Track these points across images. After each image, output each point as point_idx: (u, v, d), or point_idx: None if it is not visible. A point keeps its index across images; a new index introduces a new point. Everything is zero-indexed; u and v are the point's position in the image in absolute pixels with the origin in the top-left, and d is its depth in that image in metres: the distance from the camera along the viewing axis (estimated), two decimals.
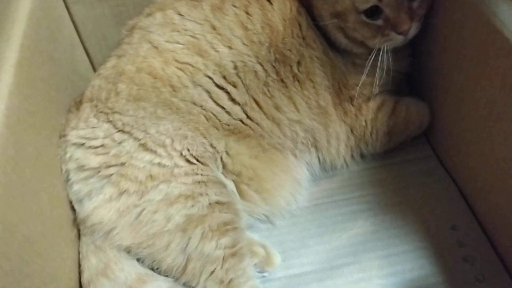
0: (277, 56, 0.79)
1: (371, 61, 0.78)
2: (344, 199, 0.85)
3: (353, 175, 0.88)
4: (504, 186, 0.70)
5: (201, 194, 0.70)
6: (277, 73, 0.79)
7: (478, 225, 0.78)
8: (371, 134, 0.86)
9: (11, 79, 0.62)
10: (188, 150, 0.73)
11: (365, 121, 0.85)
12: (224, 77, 0.77)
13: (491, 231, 0.76)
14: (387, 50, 0.77)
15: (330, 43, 0.83)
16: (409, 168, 0.88)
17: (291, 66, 0.79)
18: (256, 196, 0.79)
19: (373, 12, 0.75)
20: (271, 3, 0.81)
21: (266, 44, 0.78)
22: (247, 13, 0.80)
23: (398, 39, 0.77)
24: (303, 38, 0.80)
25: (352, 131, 0.85)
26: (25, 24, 0.70)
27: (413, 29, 0.77)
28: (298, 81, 0.80)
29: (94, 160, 0.71)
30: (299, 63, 0.80)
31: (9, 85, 0.61)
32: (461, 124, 0.79)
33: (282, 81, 0.79)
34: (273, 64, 0.79)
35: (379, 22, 0.76)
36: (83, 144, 0.73)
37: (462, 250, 0.75)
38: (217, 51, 0.77)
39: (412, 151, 0.91)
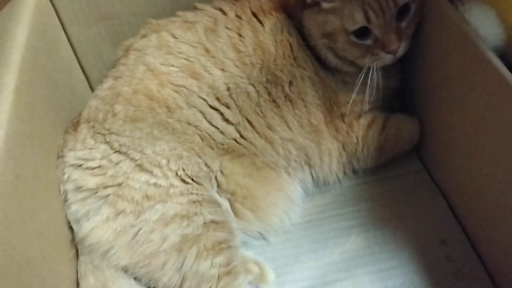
0: (269, 77, 0.81)
1: (361, 79, 0.80)
2: (336, 214, 0.86)
3: (345, 190, 0.90)
4: (490, 202, 0.72)
5: (196, 214, 0.72)
6: (269, 94, 0.81)
7: (467, 240, 0.80)
8: (362, 151, 0.88)
9: (10, 105, 0.63)
10: (184, 170, 0.75)
11: (356, 138, 0.87)
12: (218, 99, 0.79)
13: (480, 246, 0.78)
14: (376, 68, 0.79)
15: (320, 62, 0.84)
16: (399, 182, 0.90)
17: (282, 87, 0.81)
18: (250, 214, 0.81)
19: (362, 32, 0.77)
20: (263, 25, 0.83)
21: (258, 65, 0.81)
22: (240, 35, 0.82)
23: (387, 58, 0.79)
24: (294, 59, 0.82)
25: (344, 148, 0.87)
26: (23, 49, 0.72)
27: (401, 48, 0.78)
28: (290, 101, 0.82)
29: (91, 181, 0.73)
30: (290, 83, 0.82)
31: (8, 111, 0.63)
32: (449, 140, 0.81)
33: (274, 101, 0.81)
34: (265, 85, 0.81)
35: (368, 42, 0.77)
36: (80, 165, 0.74)
37: (451, 265, 0.77)
38: (210, 73, 0.79)
39: (402, 166, 0.92)
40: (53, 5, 0.86)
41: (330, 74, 0.85)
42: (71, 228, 0.73)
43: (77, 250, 0.74)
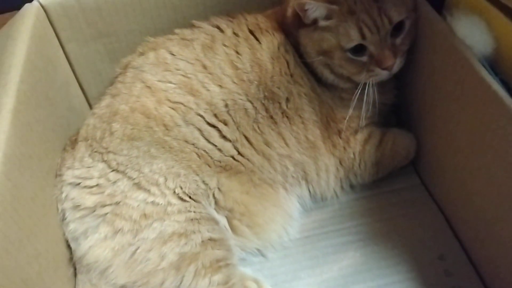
0: (266, 93, 0.81)
1: (357, 95, 0.80)
2: (334, 230, 0.87)
3: (343, 205, 0.90)
4: (487, 217, 0.72)
5: (194, 232, 0.72)
6: (267, 110, 0.81)
7: (465, 255, 0.80)
8: (359, 166, 0.88)
9: (8, 125, 0.64)
10: (181, 188, 0.75)
11: (353, 153, 0.87)
12: (215, 115, 0.79)
13: (477, 260, 0.78)
14: (372, 84, 0.80)
15: (317, 79, 0.85)
16: (397, 197, 0.90)
17: (279, 103, 0.82)
18: (248, 231, 0.81)
19: (358, 49, 0.77)
20: (260, 42, 0.84)
21: (256, 82, 0.81)
22: (237, 52, 0.82)
23: (383, 74, 0.79)
24: (291, 76, 0.83)
25: (341, 163, 0.88)
26: (21, 68, 0.72)
27: (397, 65, 0.79)
28: (287, 117, 0.83)
29: (89, 200, 0.73)
30: (287, 99, 0.82)
31: (7, 131, 0.63)
32: (446, 154, 0.81)
33: (271, 117, 0.82)
34: (263, 102, 0.81)
35: (364, 58, 0.78)
36: (78, 184, 0.75)
37: (449, 280, 0.77)
38: (208, 90, 0.80)
39: (400, 181, 0.93)
40: (51, 24, 0.87)
41: (327, 91, 0.86)
42: (69, 247, 0.74)
43: (75, 269, 0.74)
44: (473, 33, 0.71)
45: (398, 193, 0.91)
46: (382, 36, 0.76)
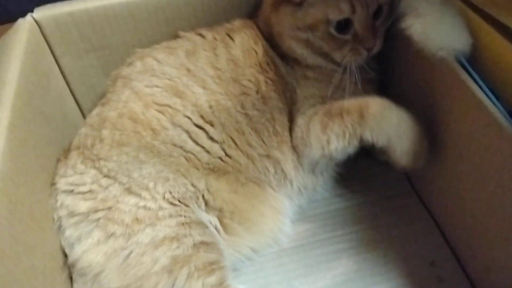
0: (241, 88, 0.83)
1: (337, 79, 0.81)
2: (327, 238, 0.88)
3: (335, 213, 0.91)
4: (478, 223, 0.73)
5: (186, 236, 0.73)
6: (243, 107, 0.83)
7: (456, 261, 0.82)
8: (303, 137, 0.84)
9: (4, 141, 0.64)
10: (170, 192, 0.76)
11: (298, 127, 0.84)
12: (202, 117, 0.81)
13: (468, 266, 0.79)
14: (355, 67, 0.80)
15: (283, 58, 0.86)
16: (389, 204, 0.92)
17: (250, 96, 0.84)
18: (240, 227, 0.82)
19: (343, 26, 0.79)
20: (233, 40, 0.87)
21: (232, 79, 0.84)
22: (215, 54, 0.86)
23: (364, 54, 0.81)
24: (260, 65, 0.85)
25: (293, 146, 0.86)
26: (16, 83, 0.73)
27: (377, 46, 0.81)
28: (257, 109, 0.84)
29: (83, 205, 0.74)
30: (257, 91, 0.84)
31: (2, 147, 0.64)
32: (437, 162, 0.82)
33: (246, 114, 0.83)
34: (239, 98, 0.83)
35: (348, 36, 0.80)
36: (72, 191, 0.76)
37: (441, 285, 0.79)
38: (193, 92, 0.82)
39: (391, 188, 0.94)
40: (45, 38, 0.88)
41: (291, 71, 0.87)
42: (66, 260, 0.74)
43: (71, 279, 0.74)
44: (450, 30, 0.71)
45: (389, 200, 0.92)
46: (370, 14, 0.78)
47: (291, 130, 0.86)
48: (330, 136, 0.79)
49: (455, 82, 0.70)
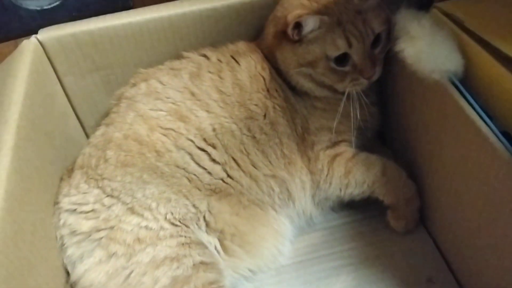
0: (247, 113, 0.84)
1: (342, 105, 0.83)
2: (326, 254, 0.89)
3: (334, 229, 0.93)
4: (475, 240, 0.74)
5: (186, 256, 0.74)
6: (249, 130, 0.84)
7: (453, 277, 0.83)
8: (325, 181, 0.88)
9: (9, 162, 0.66)
10: (172, 213, 0.77)
11: (322, 166, 0.87)
12: (204, 140, 0.83)
13: (465, 283, 0.80)
14: (358, 95, 0.83)
15: (291, 88, 0.88)
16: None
17: (258, 120, 0.85)
18: (240, 250, 0.83)
19: (341, 59, 0.81)
20: (239, 64, 0.88)
21: (237, 103, 0.85)
22: (220, 77, 0.86)
23: (364, 83, 0.83)
24: (267, 91, 0.86)
25: (312, 179, 0.89)
26: (21, 105, 0.74)
27: (376, 73, 0.83)
28: (265, 133, 0.85)
29: (85, 225, 0.75)
30: (264, 116, 0.85)
31: (7, 168, 0.65)
32: (432, 179, 0.84)
33: (253, 137, 0.85)
34: (245, 122, 0.84)
35: (347, 68, 0.82)
36: (74, 210, 0.77)
37: None
38: (196, 116, 0.83)
39: None
40: (49, 59, 0.90)
41: (300, 100, 0.88)
42: (69, 277, 0.75)
43: None
44: (442, 52, 0.72)
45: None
46: (367, 45, 0.80)
47: (304, 155, 0.88)
48: (350, 181, 0.86)
49: (449, 103, 0.72)
